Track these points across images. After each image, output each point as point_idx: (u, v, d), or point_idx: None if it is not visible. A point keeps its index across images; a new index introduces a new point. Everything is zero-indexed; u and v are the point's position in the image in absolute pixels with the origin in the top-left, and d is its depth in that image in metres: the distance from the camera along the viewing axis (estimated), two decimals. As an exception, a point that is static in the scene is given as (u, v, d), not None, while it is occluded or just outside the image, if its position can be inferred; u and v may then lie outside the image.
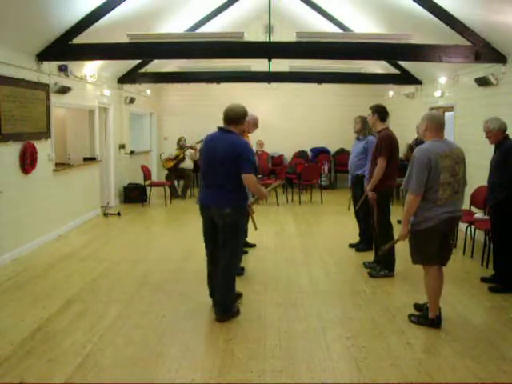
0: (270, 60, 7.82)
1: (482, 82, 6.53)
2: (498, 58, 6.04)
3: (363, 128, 6.01)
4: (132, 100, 10.21)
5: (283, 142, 12.35)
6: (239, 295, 4.41)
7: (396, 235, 4.38)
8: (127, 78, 9.56)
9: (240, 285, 4.76)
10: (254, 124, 5.64)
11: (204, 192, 4.12)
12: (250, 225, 5.07)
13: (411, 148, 7.43)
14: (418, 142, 7.91)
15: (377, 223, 5.26)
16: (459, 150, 3.74)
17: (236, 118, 3.99)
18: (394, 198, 9.73)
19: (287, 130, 12.27)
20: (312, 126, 12.44)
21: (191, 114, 12.44)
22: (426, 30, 6.65)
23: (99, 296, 4.61)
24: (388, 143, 5.08)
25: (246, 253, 5.82)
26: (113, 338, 3.68)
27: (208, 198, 4.03)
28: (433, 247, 3.74)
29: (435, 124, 3.72)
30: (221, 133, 4.03)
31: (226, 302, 4.05)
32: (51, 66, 6.69)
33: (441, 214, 3.64)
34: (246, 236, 5.97)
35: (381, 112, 5.23)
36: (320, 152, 12.44)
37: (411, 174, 3.65)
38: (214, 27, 8.97)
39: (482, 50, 5.96)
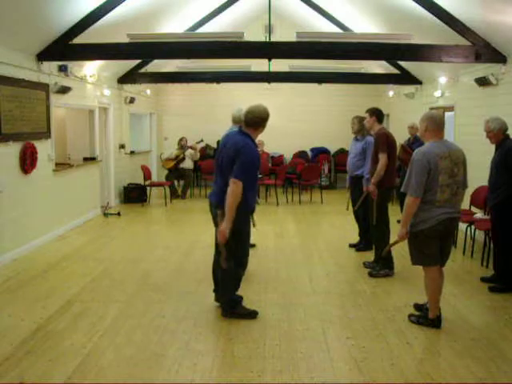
0: (269, 60, 7.82)
1: (482, 81, 6.53)
2: (498, 58, 6.04)
3: (361, 128, 6.02)
4: (132, 100, 10.20)
5: (283, 142, 12.35)
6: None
7: (393, 235, 4.40)
8: (127, 78, 9.56)
9: (241, 285, 4.76)
10: None
11: (212, 188, 4.19)
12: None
13: (403, 148, 7.42)
14: (411, 142, 7.91)
15: (374, 222, 5.29)
16: (459, 152, 3.73)
17: (256, 122, 3.87)
18: (394, 197, 9.74)
19: (287, 129, 12.26)
20: (312, 125, 12.43)
21: (191, 113, 12.44)
22: (426, 30, 6.65)
23: (99, 296, 4.61)
24: (385, 140, 5.19)
25: None
26: (113, 338, 3.68)
27: (210, 194, 4.11)
28: (432, 248, 3.75)
29: (435, 124, 3.70)
30: (235, 133, 4.00)
31: (223, 302, 4.09)
32: (51, 66, 6.69)
33: (439, 215, 3.64)
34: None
35: (378, 114, 5.39)
36: (320, 152, 12.45)
37: (411, 176, 3.64)
38: (214, 27, 8.97)
39: (482, 50, 5.96)
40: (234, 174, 3.71)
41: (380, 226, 5.27)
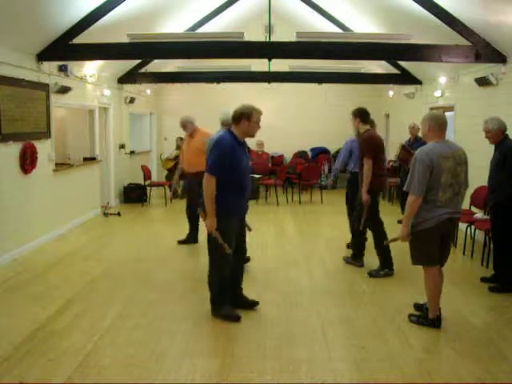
0: (269, 60, 7.81)
1: (482, 81, 6.53)
2: (498, 58, 6.03)
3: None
4: (132, 100, 10.21)
5: (283, 142, 12.34)
6: (255, 303, 4.26)
7: (391, 234, 4.40)
8: (127, 78, 9.56)
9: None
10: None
11: None
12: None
13: (404, 148, 7.43)
14: (411, 142, 7.91)
15: (361, 228, 5.35)
16: (461, 152, 3.75)
17: (234, 117, 3.90)
18: (395, 198, 9.75)
19: (287, 130, 12.26)
20: (312, 125, 12.43)
21: (191, 113, 12.33)
22: (426, 30, 6.65)
23: (99, 296, 4.61)
24: (371, 143, 5.23)
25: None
26: (113, 338, 3.68)
27: None
28: (433, 248, 3.75)
29: (438, 124, 3.70)
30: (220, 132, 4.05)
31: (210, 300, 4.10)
32: (51, 66, 6.68)
33: (440, 215, 3.65)
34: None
35: (361, 115, 5.39)
36: (320, 152, 12.45)
37: (413, 175, 3.65)
38: (214, 27, 8.97)
39: (482, 50, 5.96)
40: (206, 168, 3.76)
41: (376, 227, 5.31)
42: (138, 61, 9.11)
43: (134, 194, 10.01)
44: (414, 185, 3.62)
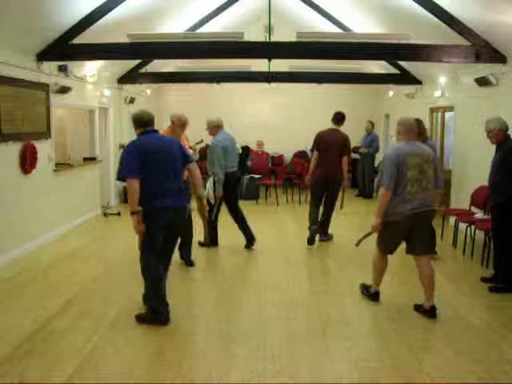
0: (269, 60, 7.81)
1: (482, 82, 6.53)
2: (498, 58, 6.03)
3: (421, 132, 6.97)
4: (132, 100, 10.20)
5: (283, 142, 12.34)
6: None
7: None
8: (127, 78, 9.56)
9: (240, 285, 4.77)
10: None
11: None
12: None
13: None
14: None
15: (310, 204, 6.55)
16: (428, 152, 4.12)
17: None
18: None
19: (287, 130, 12.25)
20: (312, 125, 12.35)
21: (191, 113, 12.33)
22: (426, 30, 6.65)
23: (99, 296, 4.61)
24: (316, 140, 6.75)
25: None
26: (113, 338, 3.69)
27: None
28: (391, 239, 4.15)
29: (405, 128, 4.11)
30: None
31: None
32: (51, 66, 6.68)
33: (408, 211, 3.95)
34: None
35: (333, 118, 7.03)
36: (320, 152, 12.43)
37: (383, 171, 4.02)
38: (214, 27, 8.98)
39: (482, 50, 5.96)
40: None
41: (311, 207, 6.53)
42: (138, 61, 9.11)
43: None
44: (384, 179, 3.99)
